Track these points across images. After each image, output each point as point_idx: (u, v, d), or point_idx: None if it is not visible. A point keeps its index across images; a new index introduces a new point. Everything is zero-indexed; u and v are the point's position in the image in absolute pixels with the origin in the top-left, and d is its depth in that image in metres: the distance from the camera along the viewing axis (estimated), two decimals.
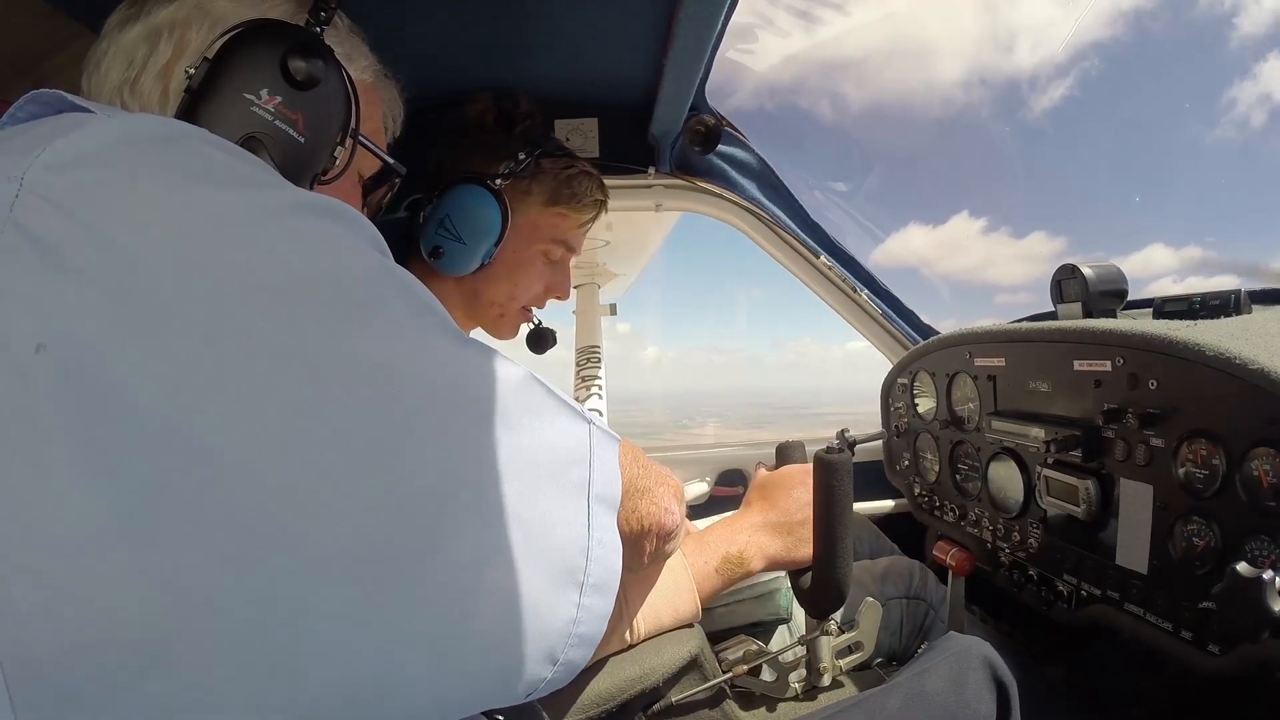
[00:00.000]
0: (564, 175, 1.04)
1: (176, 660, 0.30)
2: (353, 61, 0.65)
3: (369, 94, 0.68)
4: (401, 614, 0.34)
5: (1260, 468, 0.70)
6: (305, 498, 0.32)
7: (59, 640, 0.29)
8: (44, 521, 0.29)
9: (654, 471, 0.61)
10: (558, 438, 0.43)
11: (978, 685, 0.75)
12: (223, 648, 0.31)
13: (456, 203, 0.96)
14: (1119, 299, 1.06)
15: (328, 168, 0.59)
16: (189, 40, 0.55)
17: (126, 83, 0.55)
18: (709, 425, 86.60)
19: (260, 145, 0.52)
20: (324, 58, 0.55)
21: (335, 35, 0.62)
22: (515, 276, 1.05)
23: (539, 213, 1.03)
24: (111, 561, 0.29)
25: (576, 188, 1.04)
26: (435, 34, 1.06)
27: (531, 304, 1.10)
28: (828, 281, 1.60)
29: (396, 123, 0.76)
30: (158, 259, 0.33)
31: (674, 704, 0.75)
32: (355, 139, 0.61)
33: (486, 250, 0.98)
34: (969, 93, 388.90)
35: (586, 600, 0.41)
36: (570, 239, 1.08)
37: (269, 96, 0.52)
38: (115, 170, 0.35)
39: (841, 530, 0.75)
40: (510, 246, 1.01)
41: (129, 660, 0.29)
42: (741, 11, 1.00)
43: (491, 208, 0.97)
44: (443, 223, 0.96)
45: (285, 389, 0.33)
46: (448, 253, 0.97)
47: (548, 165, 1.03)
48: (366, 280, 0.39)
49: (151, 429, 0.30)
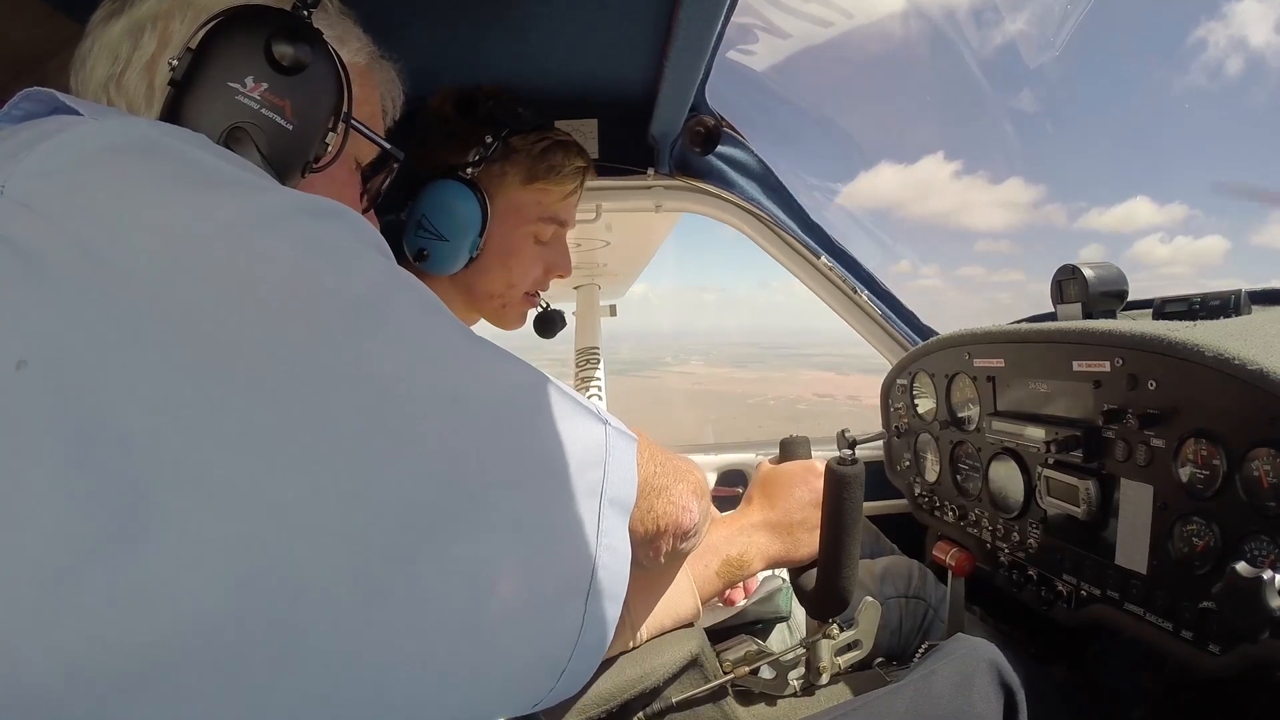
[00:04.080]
0: (538, 149, 1.00)
1: (167, 682, 0.29)
2: (344, 44, 0.63)
3: (363, 77, 0.66)
4: (399, 630, 0.33)
5: (1260, 468, 0.70)
6: (301, 514, 0.31)
7: (46, 664, 0.28)
8: (27, 543, 0.28)
9: (673, 467, 0.58)
10: (571, 440, 0.41)
11: (984, 689, 0.75)
12: (213, 668, 0.30)
13: (431, 200, 0.94)
14: (1119, 299, 1.06)
15: (319, 155, 0.57)
16: (172, 32, 0.53)
17: (112, 79, 0.53)
18: (691, 362, 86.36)
19: (247, 136, 0.50)
20: (311, 41, 0.53)
21: (325, 18, 0.60)
22: (509, 263, 1.02)
23: (518, 193, 1.00)
24: (98, 583, 0.28)
25: (553, 160, 1.01)
26: (435, 35, 1.06)
27: (534, 288, 1.07)
28: (828, 282, 1.60)
29: (396, 105, 0.74)
30: (145, 269, 0.31)
31: (674, 703, 0.75)
32: (348, 124, 0.59)
33: (471, 243, 0.96)
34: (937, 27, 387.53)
35: (593, 609, 0.40)
36: (558, 213, 1.04)
37: (254, 84, 0.51)
38: (100, 176, 0.34)
39: (850, 540, 0.75)
40: (497, 234, 0.98)
41: (118, 683, 0.29)
42: (741, 11, 1.00)
43: (467, 199, 0.94)
44: (421, 223, 0.94)
45: (280, 403, 0.32)
46: (432, 253, 0.94)
47: (518, 143, 0.99)
48: (368, 286, 0.37)
49: (138, 448, 0.29)
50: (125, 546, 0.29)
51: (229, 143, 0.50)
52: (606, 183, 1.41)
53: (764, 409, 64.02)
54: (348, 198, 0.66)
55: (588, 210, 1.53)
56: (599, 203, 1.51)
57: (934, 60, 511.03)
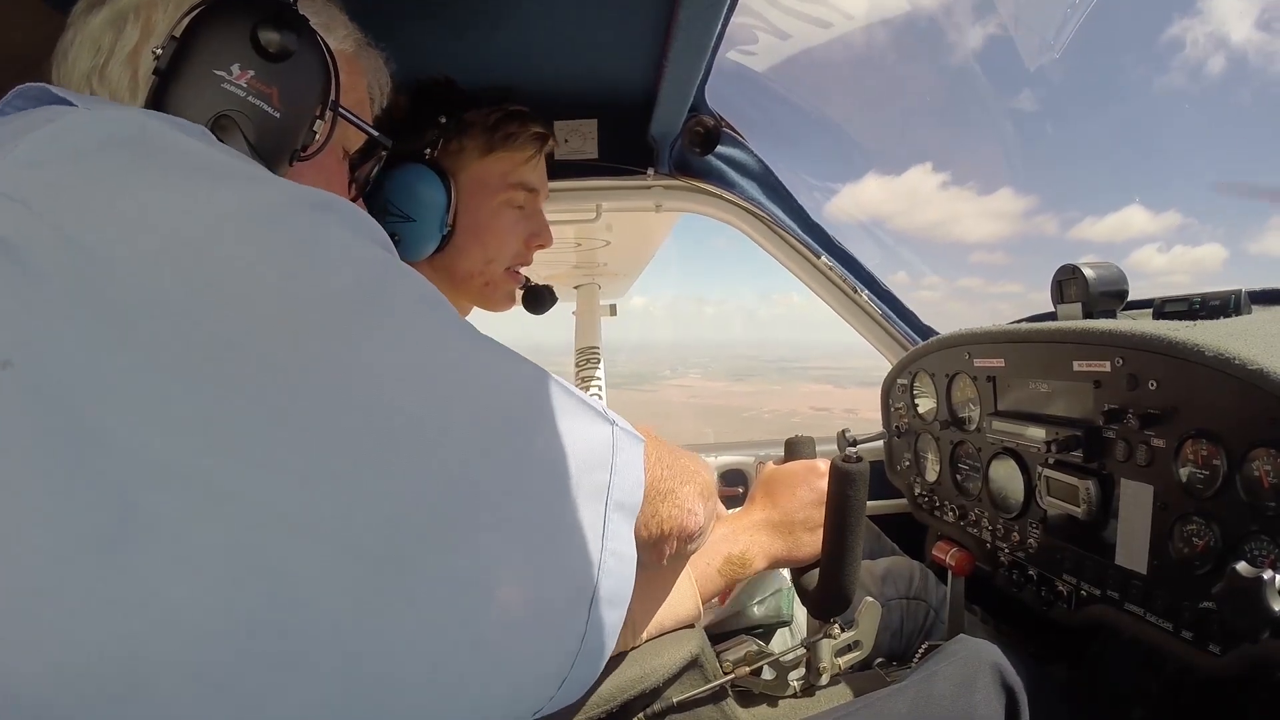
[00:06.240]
0: (492, 120, 1.02)
1: (158, 688, 0.28)
2: (331, 31, 0.62)
3: (350, 64, 0.65)
4: (396, 637, 0.32)
5: (1260, 468, 0.70)
6: (295, 519, 0.30)
7: (36, 670, 0.27)
8: (15, 548, 0.27)
9: (680, 468, 0.56)
10: (576, 441, 0.40)
11: (986, 691, 0.74)
12: (205, 678, 0.29)
13: (393, 185, 0.95)
14: (1119, 299, 1.06)
15: (307, 143, 0.56)
16: (155, 21, 0.52)
17: (95, 70, 0.53)
18: (689, 375, 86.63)
19: (234, 124, 0.50)
20: (297, 28, 0.52)
21: (311, 5, 0.59)
22: (484, 238, 1.02)
23: (480, 165, 1.01)
24: (86, 588, 0.27)
25: (509, 128, 1.02)
26: (434, 35, 1.06)
27: (515, 262, 1.07)
28: (828, 282, 1.60)
29: (384, 92, 0.74)
30: (136, 266, 0.30)
31: (675, 704, 0.75)
32: (336, 111, 0.58)
33: (439, 220, 0.97)
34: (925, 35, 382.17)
35: (596, 615, 0.38)
36: (524, 178, 1.04)
37: (240, 71, 0.50)
38: (91, 168, 0.33)
39: (853, 539, 0.75)
40: (466, 209, 0.99)
41: (108, 688, 0.28)
42: (741, 12, 1.00)
43: (427, 176, 0.96)
44: (386, 209, 0.95)
45: (274, 405, 0.31)
46: (403, 236, 0.95)
47: (473, 117, 1.01)
48: (366, 281, 0.36)
49: (126, 450, 0.28)
50: (112, 552, 0.28)
51: (215, 131, 0.49)
52: (606, 183, 1.41)
53: (759, 423, 64.10)
54: (336, 186, 0.65)
55: (588, 210, 1.53)
56: (599, 202, 1.50)
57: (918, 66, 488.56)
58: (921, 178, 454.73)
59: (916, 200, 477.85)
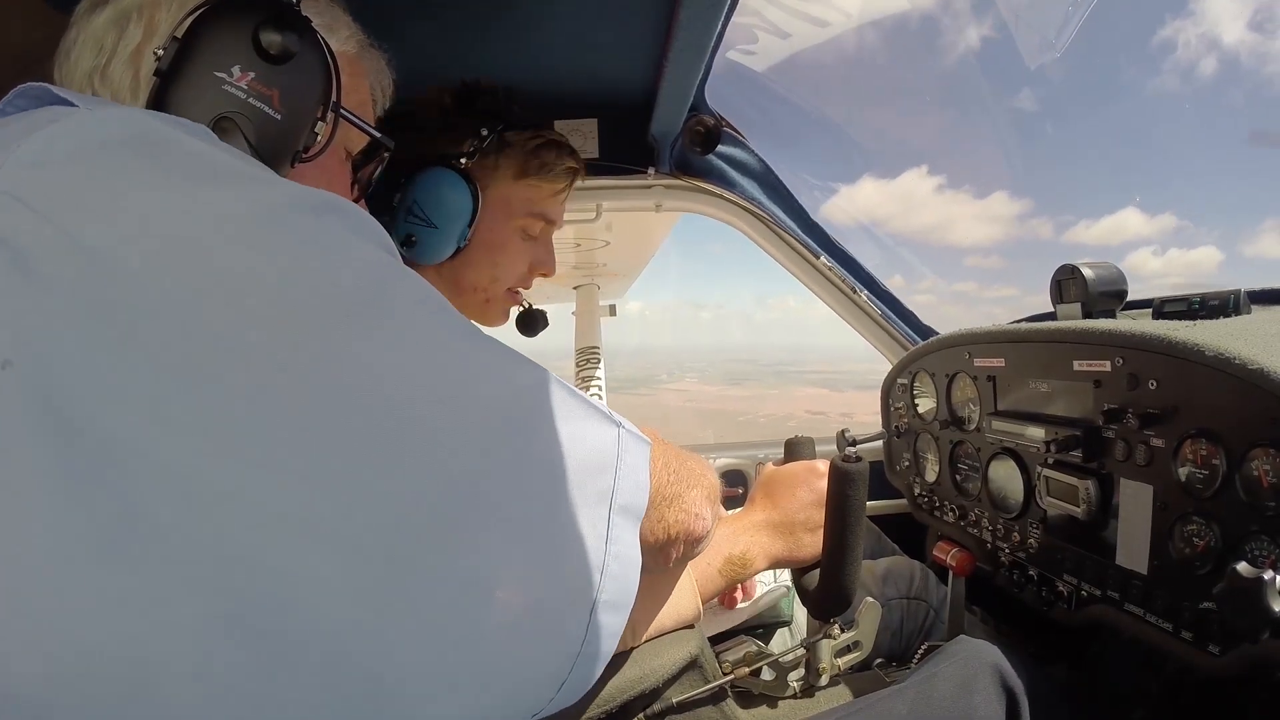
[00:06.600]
0: (531, 146, 1.01)
1: (158, 688, 0.28)
2: (333, 32, 0.62)
3: (353, 65, 0.65)
4: (395, 637, 0.32)
5: (1260, 468, 0.70)
6: (297, 521, 0.30)
7: (37, 672, 0.27)
8: (15, 550, 0.27)
9: (686, 472, 0.56)
10: (580, 444, 0.39)
11: (986, 691, 0.74)
12: (205, 678, 0.29)
13: (423, 187, 0.94)
14: (1119, 299, 1.06)
15: (309, 145, 0.56)
16: (158, 21, 0.52)
17: (97, 70, 0.52)
18: (686, 379, 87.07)
19: (235, 126, 0.49)
20: (299, 29, 0.52)
21: (313, 6, 0.59)
22: (495, 257, 1.02)
23: (509, 187, 1.01)
24: (88, 590, 0.28)
25: (545, 157, 1.02)
26: (435, 35, 1.06)
27: (517, 284, 1.08)
28: (828, 282, 1.60)
29: (386, 94, 0.73)
30: (139, 266, 0.30)
31: (674, 705, 0.75)
32: (338, 113, 0.58)
33: (460, 232, 0.97)
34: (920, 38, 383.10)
35: (596, 618, 0.38)
36: (546, 210, 1.05)
37: (241, 73, 0.50)
38: (95, 169, 0.33)
39: (853, 538, 0.75)
40: (485, 225, 0.99)
41: (109, 689, 0.28)
42: (741, 11, 1.00)
43: (459, 187, 0.95)
44: (411, 209, 0.94)
45: (277, 406, 0.31)
46: (420, 240, 0.95)
47: (513, 138, 1.00)
48: (368, 283, 0.36)
49: (127, 450, 0.28)
50: (113, 552, 0.28)
51: (216, 133, 0.49)
52: (606, 182, 1.41)
53: (754, 426, 64.08)
54: (338, 187, 0.65)
55: (588, 210, 1.53)
56: (599, 202, 1.50)
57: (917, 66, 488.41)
58: (917, 180, 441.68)
59: (912, 203, 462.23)
